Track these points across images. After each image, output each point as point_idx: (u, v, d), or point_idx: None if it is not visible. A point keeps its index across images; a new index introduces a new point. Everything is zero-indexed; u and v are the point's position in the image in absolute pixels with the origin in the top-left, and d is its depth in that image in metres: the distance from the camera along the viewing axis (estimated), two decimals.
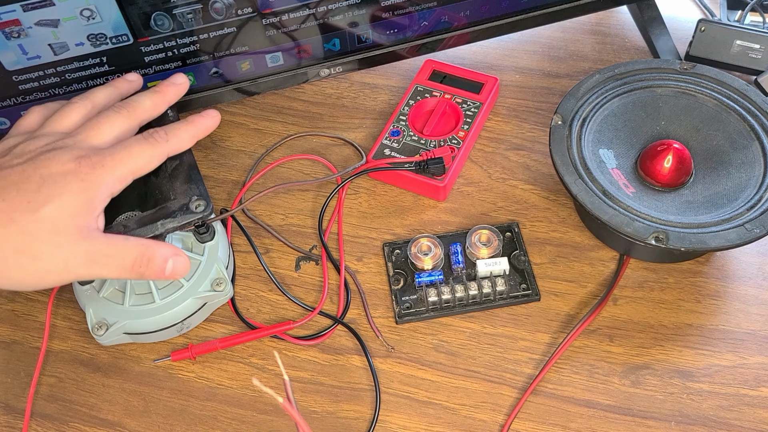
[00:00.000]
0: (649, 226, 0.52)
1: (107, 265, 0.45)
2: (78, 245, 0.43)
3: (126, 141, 0.48)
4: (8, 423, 0.54)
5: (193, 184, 0.51)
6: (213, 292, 0.55)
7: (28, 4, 0.54)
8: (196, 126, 0.51)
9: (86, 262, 0.44)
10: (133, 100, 0.51)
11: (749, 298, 0.57)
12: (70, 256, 0.43)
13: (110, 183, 0.46)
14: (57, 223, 0.43)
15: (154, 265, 0.46)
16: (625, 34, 0.77)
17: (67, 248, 0.43)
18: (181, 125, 0.50)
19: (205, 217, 0.50)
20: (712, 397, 0.52)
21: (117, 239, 0.46)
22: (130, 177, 0.47)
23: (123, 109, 0.50)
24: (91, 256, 0.44)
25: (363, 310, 0.58)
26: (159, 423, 0.54)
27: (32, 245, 0.42)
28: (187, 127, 0.50)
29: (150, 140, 0.48)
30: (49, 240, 0.43)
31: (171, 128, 0.50)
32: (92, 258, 0.44)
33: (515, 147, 0.68)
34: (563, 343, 0.54)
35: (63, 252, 0.43)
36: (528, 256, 0.59)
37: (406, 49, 0.68)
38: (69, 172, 0.44)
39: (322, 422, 0.53)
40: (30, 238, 0.42)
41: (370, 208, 0.64)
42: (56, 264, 0.43)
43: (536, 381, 0.53)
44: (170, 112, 0.55)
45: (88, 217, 0.44)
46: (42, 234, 0.43)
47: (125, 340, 0.56)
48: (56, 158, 0.45)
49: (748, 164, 0.57)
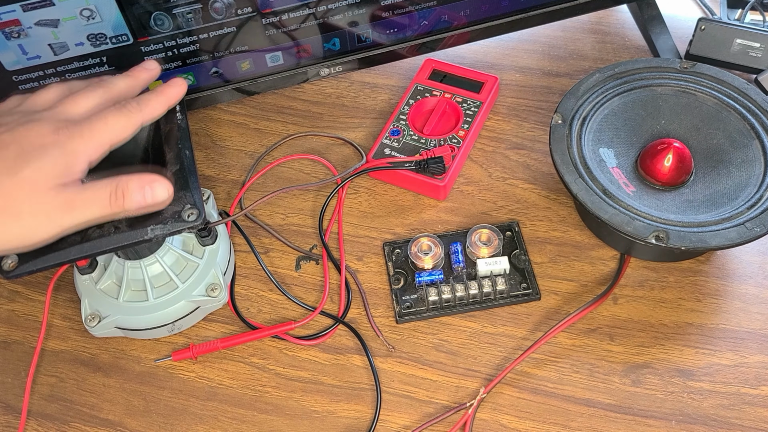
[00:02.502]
0: (649, 225, 0.52)
1: (86, 207, 0.46)
2: (56, 198, 0.45)
3: (101, 112, 0.49)
4: (8, 423, 0.54)
5: (188, 192, 0.51)
6: (207, 297, 0.55)
7: (28, 4, 0.54)
8: (165, 95, 0.52)
9: (66, 210, 0.46)
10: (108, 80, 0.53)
11: (750, 297, 0.57)
12: (50, 209, 0.45)
13: (89, 152, 0.47)
14: (36, 183, 0.45)
15: (131, 196, 0.47)
16: (625, 33, 0.77)
17: (47, 203, 0.45)
18: (151, 95, 0.52)
19: (196, 227, 0.50)
20: (712, 396, 0.52)
21: (90, 182, 0.47)
22: (107, 146, 0.49)
23: (98, 87, 0.51)
24: (69, 203, 0.46)
25: (363, 309, 0.58)
26: (160, 423, 0.54)
27: (13, 206, 0.44)
28: (157, 96, 0.52)
29: (123, 110, 0.49)
30: (29, 199, 0.45)
31: (143, 98, 0.51)
32: (71, 205, 0.46)
33: (515, 146, 0.68)
34: (559, 325, 0.54)
35: (44, 207, 0.45)
36: (528, 256, 0.59)
37: (406, 49, 0.68)
38: (48, 143, 0.46)
39: (323, 422, 0.53)
40: (10, 199, 0.44)
41: (371, 208, 0.64)
42: (39, 220, 0.45)
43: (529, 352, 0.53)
44: (179, 114, 0.55)
45: (66, 181, 0.46)
46: (21, 195, 0.44)
47: (117, 334, 0.57)
48: (35, 129, 0.46)
49: (749, 163, 0.57)
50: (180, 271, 0.56)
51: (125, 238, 0.49)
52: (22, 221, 0.45)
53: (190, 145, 0.54)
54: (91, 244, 0.49)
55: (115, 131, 0.49)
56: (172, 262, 0.56)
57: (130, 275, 0.55)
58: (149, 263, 0.55)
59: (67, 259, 0.49)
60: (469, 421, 0.52)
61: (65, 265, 0.58)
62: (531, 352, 0.53)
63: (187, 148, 0.53)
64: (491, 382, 0.53)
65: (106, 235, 0.49)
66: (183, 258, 0.57)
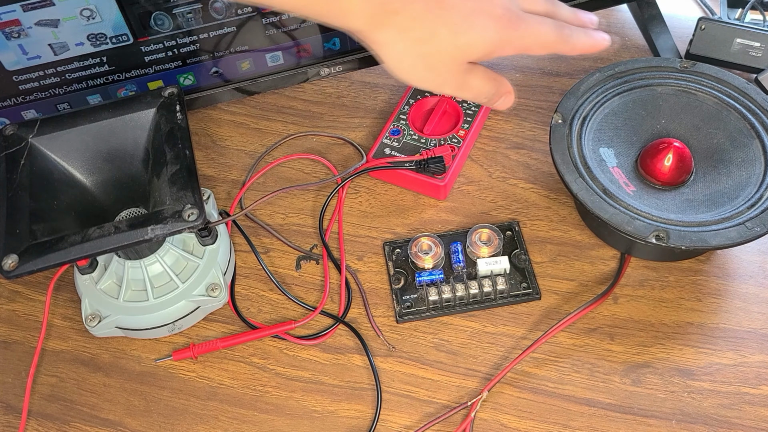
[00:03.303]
0: (649, 225, 0.52)
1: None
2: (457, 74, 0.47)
3: (541, 19, 0.48)
4: (9, 423, 0.54)
5: (189, 192, 0.51)
6: (207, 297, 0.55)
7: (28, 4, 0.54)
8: (594, 38, 0.51)
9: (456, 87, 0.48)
10: (558, 3, 0.52)
11: (750, 297, 0.57)
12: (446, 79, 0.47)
13: (512, 46, 0.47)
14: (459, 53, 0.45)
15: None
16: (626, 33, 0.77)
17: (445, 73, 0.46)
18: (581, 33, 0.50)
19: (197, 227, 0.50)
20: (713, 395, 0.52)
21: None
22: (523, 50, 0.48)
23: (549, 2, 0.51)
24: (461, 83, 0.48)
25: (364, 309, 0.58)
26: (160, 422, 0.54)
27: (432, 58, 0.45)
28: (587, 36, 0.50)
29: (556, 31, 0.48)
30: (441, 63, 0.45)
31: (575, 30, 0.50)
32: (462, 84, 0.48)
33: (515, 146, 0.68)
34: (559, 324, 0.54)
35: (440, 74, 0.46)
36: (528, 255, 0.59)
37: None
38: (494, 18, 0.45)
39: (324, 421, 0.53)
40: (435, 54, 0.45)
41: (371, 207, 0.64)
42: (428, 81, 0.47)
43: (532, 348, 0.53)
44: (179, 114, 0.55)
45: (472, 56, 0.46)
46: (443, 56, 0.45)
47: (117, 334, 0.57)
48: (494, 2, 0.46)
49: (749, 162, 0.56)
50: (180, 270, 0.56)
51: (125, 237, 0.49)
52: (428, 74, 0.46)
53: (190, 144, 0.54)
54: (92, 244, 0.49)
55: (538, 42, 0.48)
56: (173, 261, 0.56)
57: (130, 275, 0.55)
58: (149, 263, 0.55)
59: (68, 259, 0.49)
60: (470, 420, 0.52)
61: (65, 265, 0.58)
62: (531, 351, 0.54)
63: (187, 147, 0.53)
64: (491, 381, 0.53)
65: (106, 235, 0.49)
66: (183, 258, 0.57)
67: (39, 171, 0.54)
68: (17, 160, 0.53)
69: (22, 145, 0.54)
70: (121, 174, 0.56)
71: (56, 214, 0.53)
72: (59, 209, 0.54)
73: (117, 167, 0.56)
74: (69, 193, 0.55)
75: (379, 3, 0.42)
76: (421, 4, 0.43)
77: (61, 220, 0.53)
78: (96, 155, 0.56)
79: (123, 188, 0.57)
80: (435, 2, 0.43)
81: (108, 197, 0.56)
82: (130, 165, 0.56)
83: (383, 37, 0.44)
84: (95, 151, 0.56)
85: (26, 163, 0.53)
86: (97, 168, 0.56)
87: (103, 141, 0.56)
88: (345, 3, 0.42)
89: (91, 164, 0.56)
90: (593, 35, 0.51)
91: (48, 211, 0.53)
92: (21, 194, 0.52)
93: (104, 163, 0.56)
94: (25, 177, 0.53)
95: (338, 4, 0.42)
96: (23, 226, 0.50)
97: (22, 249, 0.49)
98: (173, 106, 0.55)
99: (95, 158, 0.56)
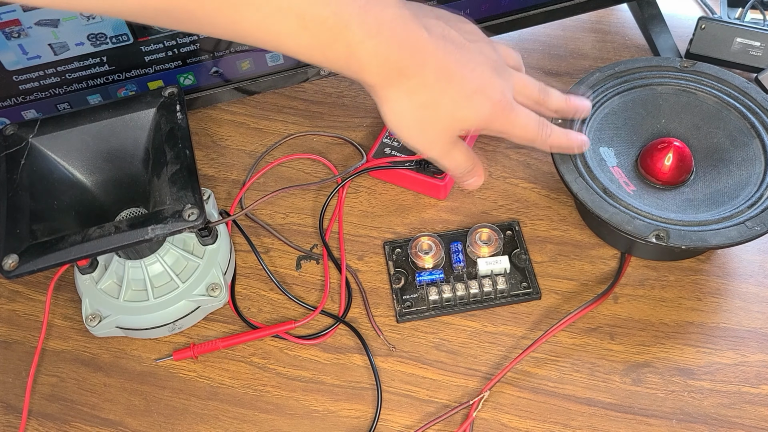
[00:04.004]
0: (649, 224, 0.52)
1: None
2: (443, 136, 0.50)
3: (530, 114, 0.52)
4: (9, 423, 0.55)
5: (189, 192, 0.51)
6: (207, 297, 0.55)
7: (28, 4, 0.54)
8: (571, 139, 0.55)
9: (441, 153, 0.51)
10: (549, 88, 0.55)
11: (750, 296, 0.57)
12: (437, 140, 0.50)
13: (497, 129, 0.51)
14: (454, 124, 0.49)
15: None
16: (626, 32, 0.77)
17: (436, 139, 0.50)
18: (561, 133, 0.54)
19: (197, 227, 0.50)
20: (713, 395, 0.52)
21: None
22: (504, 134, 0.52)
23: (540, 84, 0.55)
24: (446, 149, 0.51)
25: (364, 309, 0.58)
26: (160, 422, 0.54)
27: (429, 123, 0.49)
28: (566, 135, 0.55)
29: (538, 128, 0.52)
30: (435, 130, 0.49)
31: (556, 130, 0.54)
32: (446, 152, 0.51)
33: (516, 145, 0.67)
34: (560, 324, 0.54)
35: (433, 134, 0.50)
36: (529, 255, 0.59)
37: None
38: (492, 101, 0.49)
39: (324, 421, 0.53)
40: (433, 120, 0.48)
41: (371, 207, 0.64)
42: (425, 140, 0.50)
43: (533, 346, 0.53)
44: (179, 114, 0.55)
45: (463, 129, 0.50)
46: (439, 124, 0.49)
47: (118, 334, 0.57)
48: (495, 86, 0.49)
49: (749, 162, 0.56)
50: (180, 270, 0.56)
51: (126, 237, 0.49)
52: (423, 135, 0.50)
53: (190, 144, 0.54)
54: (92, 244, 0.49)
55: (516, 131, 0.51)
56: (173, 261, 0.56)
57: (130, 275, 0.55)
58: (150, 263, 0.55)
59: (68, 259, 0.49)
60: (471, 420, 0.52)
61: (66, 265, 0.58)
62: (531, 350, 0.54)
63: (187, 147, 0.53)
64: (491, 380, 0.53)
65: (106, 235, 0.49)
66: (183, 257, 0.57)
67: (39, 171, 0.54)
68: (17, 160, 0.53)
69: (23, 145, 0.54)
70: (121, 174, 0.56)
71: (56, 214, 0.53)
72: (59, 209, 0.54)
73: (117, 167, 0.56)
74: (69, 193, 0.55)
75: (396, 66, 0.45)
76: (433, 74, 0.46)
77: (62, 220, 0.53)
78: (96, 155, 0.56)
79: (123, 188, 0.57)
80: (445, 76, 0.46)
81: (108, 197, 0.57)
82: (130, 165, 0.56)
83: (391, 94, 0.47)
84: (95, 151, 0.56)
85: (26, 163, 0.53)
86: (97, 168, 0.56)
87: (104, 141, 0.56)
88: (364, 61, 0.44)
89: (91, 164, 0.56)
90: (571, 137, 0.55)
91: (48, 211, 0.53)
92: (21, 194, 0.52)
93: (104, 163, 0.56)
94: (26, 177, 0.53)
95: (357, 61, 0.44)
96: (23, 226, 0.50)
97: (22, 249, 0.49)
98: (173, 106, 0.55)
99: (95, 158, 0.56)
